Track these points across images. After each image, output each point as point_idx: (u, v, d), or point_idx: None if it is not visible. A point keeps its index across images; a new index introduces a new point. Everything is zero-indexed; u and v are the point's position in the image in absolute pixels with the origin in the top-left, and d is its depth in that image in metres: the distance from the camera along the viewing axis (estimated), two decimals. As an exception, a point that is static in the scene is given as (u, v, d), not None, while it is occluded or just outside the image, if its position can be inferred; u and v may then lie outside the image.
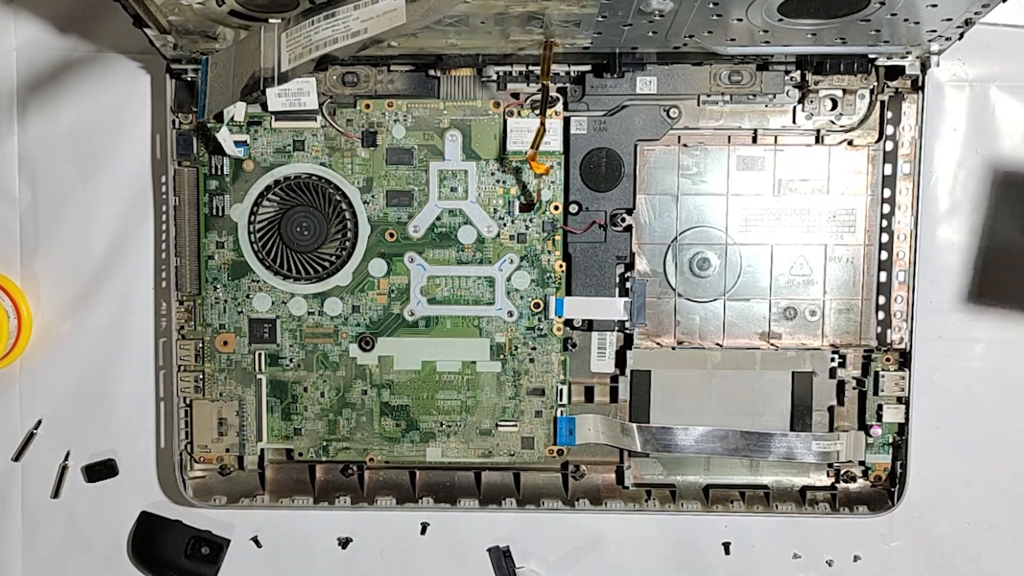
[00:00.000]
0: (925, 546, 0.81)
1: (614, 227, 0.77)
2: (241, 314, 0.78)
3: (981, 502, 0.81)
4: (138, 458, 0.82)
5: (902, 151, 0.76)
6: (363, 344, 0.78)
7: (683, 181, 0.77)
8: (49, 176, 0.80)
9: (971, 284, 0.80)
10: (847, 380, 0.78)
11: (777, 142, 0.77)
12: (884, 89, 0.76)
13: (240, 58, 0.67)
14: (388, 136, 0.77)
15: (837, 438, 0.78)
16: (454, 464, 0.80)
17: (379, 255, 0.78)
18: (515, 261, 0.78)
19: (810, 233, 0.77)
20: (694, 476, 0.80)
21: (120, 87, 0.80)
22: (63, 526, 0.82)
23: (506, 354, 0.78)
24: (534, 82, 0.76)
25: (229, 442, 0.79)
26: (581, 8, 0.63)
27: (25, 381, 0.82)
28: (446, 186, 0.77)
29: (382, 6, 0.60)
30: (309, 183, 0.77)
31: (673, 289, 0.78)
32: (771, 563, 0.82)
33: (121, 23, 0.69)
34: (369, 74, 0.77)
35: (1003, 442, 0.81)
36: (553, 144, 0.76)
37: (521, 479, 0.80)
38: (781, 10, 0.63)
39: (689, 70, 0.76)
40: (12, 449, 0.82)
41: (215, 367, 0.79)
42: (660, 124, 0.76)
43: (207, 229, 0.78)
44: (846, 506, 0.79)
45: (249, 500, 0.80)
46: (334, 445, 0.79)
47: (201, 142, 0.77)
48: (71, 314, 0.81)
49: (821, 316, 0.78)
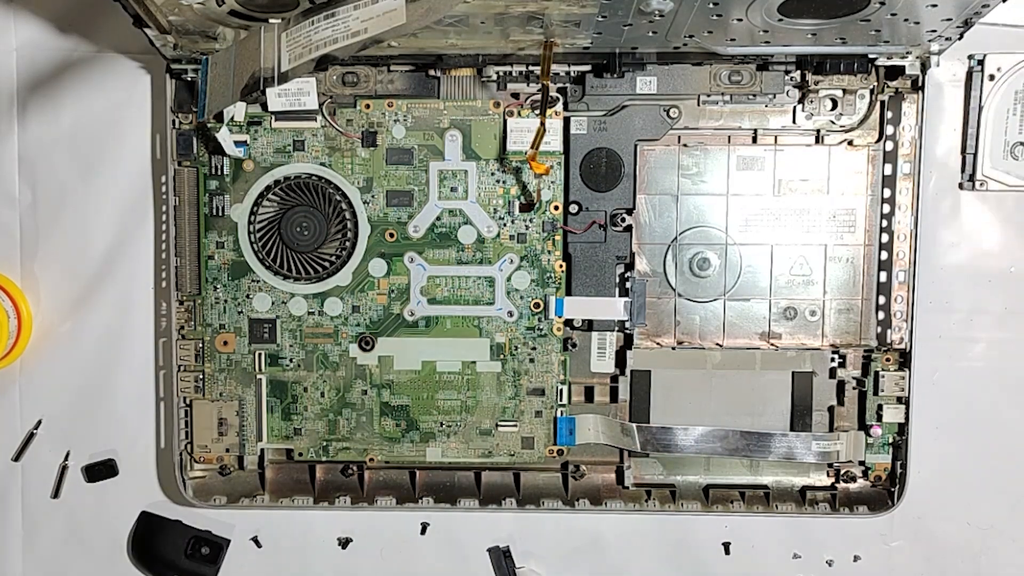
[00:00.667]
0: (925, 546, 0.81)
1: (614, 227, 0.77)
2: (241, 314, 0.78)
3: (981, 502, 0.81)
4: (138, 458, 0.82)
5: (902, 151, 0.76)
6: (363, 344, 0.78)
7: (683, 181, 0.77)
8: (49, 176, 0.80)
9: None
10: (847, 380, 0.78)
11: (777, 142, 0.77)
12: (884, 89, 0.76)
13: (240, 58, 0.67)
14: (388, 136, 0.77)
15: (837, 438, 0.78)
16: (454, 464, 0.80)
17: (379, 255, 0.78)
18: (515, 261, 0.78)
19: (810, 233, 0.77)
20: (694, 476, 0.80)
21: (120, 87, 0.80)
22: (63, 526, 0.82)
23: (506, 354, 0.78)
24: (534, 82, 0.76)
25: (229, 442, 0.79)
26: (581, 8, 0.63)
27: (25, 381, 0.82)
28: (446, 186, 0.77)
29: (382, 6, 0.60)
30: (309, 183, 0.77)
31: (673, 289, 0.78)
32: (771, 563, 0.82)
33: (121, 23, 0.69)
34: (369, 74, 0.77)
35: (1003, 442, 0.81)
36: (553, 144, 0.76)
37: (521, 479, 0.80)
38: (781, 10, 0.63)
39: (689, 70, 0.76)
40: (12, 449, 0.82)
41: (215, 367, 0.79)
42: (660, 124, 0.76)
43: (207, 229, 0.78)
44: (846, 506, 0.79)
45: (249, 500, 0.80)
46: (334, 445, 0.79)
47: (201, 142, 0.77)
48: (71, 314, 0.81)
49: (821, 316, 0.78)
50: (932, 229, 0.79)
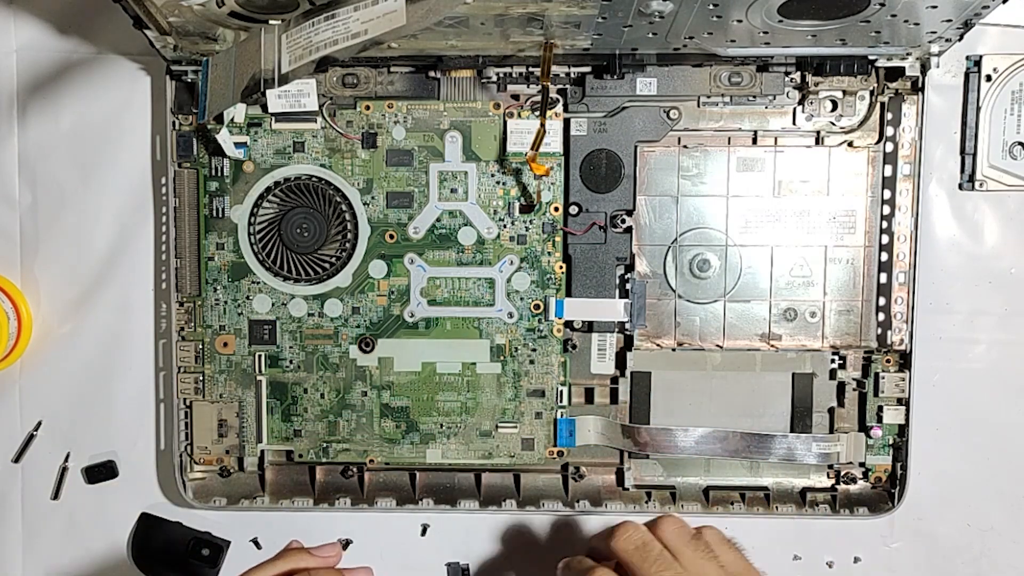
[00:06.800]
0: (925, 547, 0.81)
1: (614, 228, 0.77)
2: (241, 315, 0.78)
3: (981, 503, 0.81)
4: (138, 460, 0.82)
5: (902, 152, 0.76)
6: (363, 345, 0.78)
7: (683, 182, 0.77)
8: (49, 178, 0.80)
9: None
10: (847, 381, 0.78)
11: (777, 143, 0.77)
12: (884, 90, 0.76)
13: (240, 60, 0.67)
14: (388, 137, 0.77)
15: (837, 439, 0.78)
16: (454, 465, 0.80)
17: (379, 256, 0.78)
18: (515, 262, 0.78)
19: (810, 234, 0.77)
20: (694, 477, 0.80)
21: (120, 89, 0.80)
22: (63, 528, 0.82)
23: (506, 355, 0.78)
24: (534, 83, 0.76)
25: (229, 443, 0.79)
26: (581, 9, 0.63)
27: (25, 382, 0.82)
28: (446, 187, 0.77)
29: (382, 7, 0.60)
30: (309, 184, 0.77)
31: (673, 290, 0.78)
32: (771, 564, 0.81)
33: (121, 24, 0.69)
34: (369, 75, 0.77)
35: (1003, 443, 0.81)
36: (553, 145, 0.76)
37: (521, 480, 0.80)
38: (781, 11, 0.63)
39: (689, 71, 0.76)
40: (12, 450, 0.82)
41: (215, 368, 0.79)
42: (660, 125, 0.76)
43: (207, 230, 0.78)
44: (846, 507, 0.79)
45: (249, 502, 0.80)
46: (334, 446, 0.79)
47: (201, 143, 0.77)
48: (71, 316, 0.81)
49: (821, 317, 0.78)
50: (932, 230, 0.79)
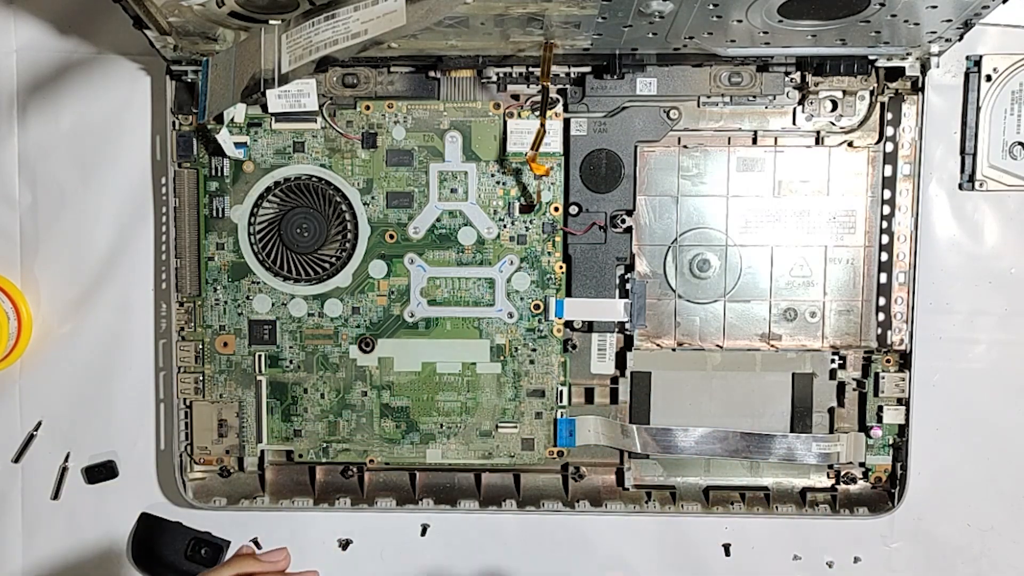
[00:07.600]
0: (925, 547, 0.81)
1: (614, 228, 0.77)
2: (241, 315, 0.78)
3: (981, 503, 0.81)
4: (138, 460, 0.82)
5: (902, 152, 0.76)
6: (363, 345, 0.78)
7: (683, 182, 0.77)
8: (49, 178, 0.80)
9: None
10: (847, 381, 0.78)
11: (777, 143, 0.77)
12: (884, 90, 0.76)
13: (240, 60, 0.67)
14: (388, 137, 0.77)
15: (837, 439, 0.78)
16: (454, 465, 0.80)
17: (379, 256, 0.78)
18: (515, 262, 0.78)
19: (810, 234, 0.77)
20: (694, 477, 0.80)
21: (120, 89, 0.80)
22: (63, 527, 0.82)
23: (506, 355, 0.78)
24: (534, 83, 0.76)
25: (229, 443, 0.79)
26: (581, 9, 0.63)
27: (25, 382, 0.82)
28: (446, 187, 0.77)
29: (382, 7, 0.60)
30: (309, 184, 0.77)
31: (673, 290, 0.78)
32: (771, 564, 0.82)
33: (121, 25, 0.69)
34: (369, 75, 0.77)
35: (1003, 443, 0.81)
36: (553, 145, 0.76)
37: (521, 480, 0.80)
38: (781, 11, 0.63)
39: (689, 71, 0.76)
40: (12, 450, 0.82)
41: (215, 368, 0.79)
42: (660, 125, 0.76)
43: (207, 230, 0.78)
44: (846, 507, 0.79)
45: (249, 501, 0.80)
46: (334, 446, 0.79)
47: (201, 143, 0.77)
48: (71, 316, 0.81)
49: (821, 317, 0.78)
50: (932, 230, 0.79)
